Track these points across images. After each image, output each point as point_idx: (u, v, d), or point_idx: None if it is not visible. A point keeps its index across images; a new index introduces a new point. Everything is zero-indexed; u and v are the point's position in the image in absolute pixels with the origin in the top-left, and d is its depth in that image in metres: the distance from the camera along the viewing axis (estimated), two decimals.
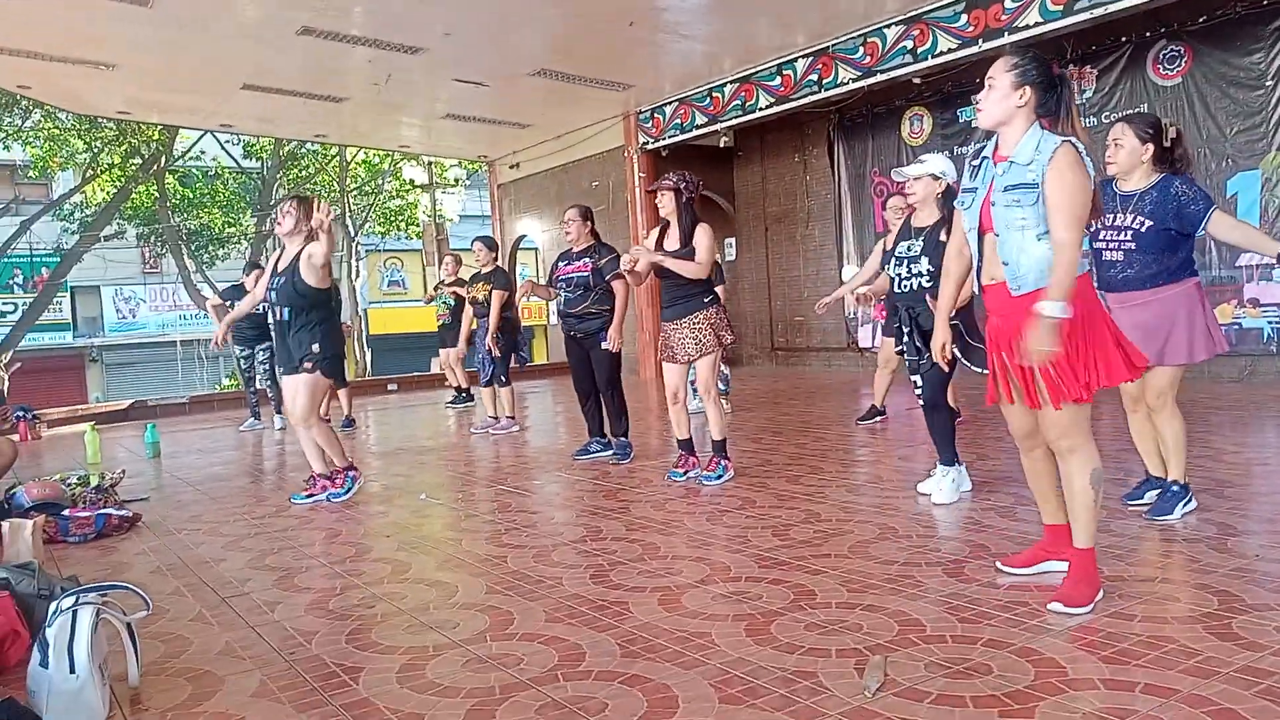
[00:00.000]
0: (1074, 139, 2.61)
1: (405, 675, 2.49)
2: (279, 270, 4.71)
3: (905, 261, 4.23)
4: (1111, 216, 3.58)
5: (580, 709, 2.22)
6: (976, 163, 2.76)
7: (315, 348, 4.61)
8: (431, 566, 3.60)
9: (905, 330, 4.19)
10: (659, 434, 6.84)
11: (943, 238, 3.86)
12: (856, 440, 6.16)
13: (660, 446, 6.26)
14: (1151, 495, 3.78)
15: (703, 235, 4.77)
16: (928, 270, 4.10)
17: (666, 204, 4.84)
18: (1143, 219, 3.52)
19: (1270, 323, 8.06)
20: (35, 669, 2.30)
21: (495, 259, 7.45)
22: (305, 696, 2.40)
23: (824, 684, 2.28)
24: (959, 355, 3.80)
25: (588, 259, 5.68)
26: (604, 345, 5.64)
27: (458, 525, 4.41)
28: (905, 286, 4.24)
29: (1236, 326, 8.12)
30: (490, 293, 7.17)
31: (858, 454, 5.61)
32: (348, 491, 4.62)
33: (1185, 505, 3.64)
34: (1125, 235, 3.55)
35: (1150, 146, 3.53)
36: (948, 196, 4.10)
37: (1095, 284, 3.51)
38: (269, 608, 3.17)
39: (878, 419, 6.71)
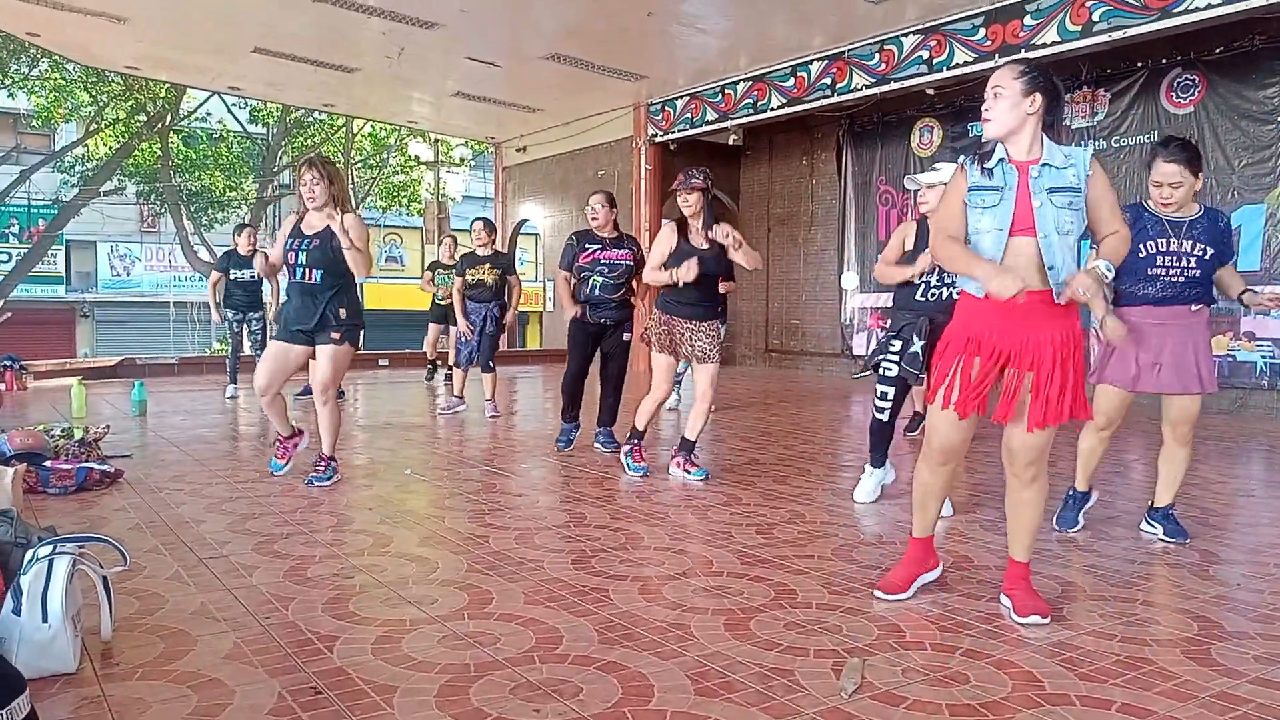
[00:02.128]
0: None
1: (380, 647, 2.48)
2: (305, 233, 4.57)
3: (938, 269, 3.98)
4: (1164, 242, 3.51)
5: (555, 692, 2.21)
6: (991, 165, 2.64)
7: (343, 313, 4.55)
8: (413, 541, 3.58)
9: (918, 340, 3.98)
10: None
11: None
12: (845, 445, 6.16)
13: (649, 438, 6.22)
14: (1152, 525, 3.76)
15: (732, 229, 4.74)
16: None
17: (694, 203, 4.73)
18: (1204, 246, 3.49)
19: (1264, 357, 8.09)
20: (7, 616, 2.28)
21: (493, 241, 7.42)
22: (279, 662, 2.38)
23: (800, 682, 2.28)
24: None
25: (628, 249, 5.55)
26: (626, 338, 5.66)
27: (441, 502, 4.38)
28: (934, 295, 4.01)
29: (1231, 359, 8.14)
30: (501, 277, 7.18)
31: (845, 459, 5.60)
32: (328, 480, 4.60)
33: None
34: (1190, 262, 3.49)
35: (1201, 176, 3.51)
36: None
37: (1136, 299, 3.57)
38: (247, 571, 3.15)
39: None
